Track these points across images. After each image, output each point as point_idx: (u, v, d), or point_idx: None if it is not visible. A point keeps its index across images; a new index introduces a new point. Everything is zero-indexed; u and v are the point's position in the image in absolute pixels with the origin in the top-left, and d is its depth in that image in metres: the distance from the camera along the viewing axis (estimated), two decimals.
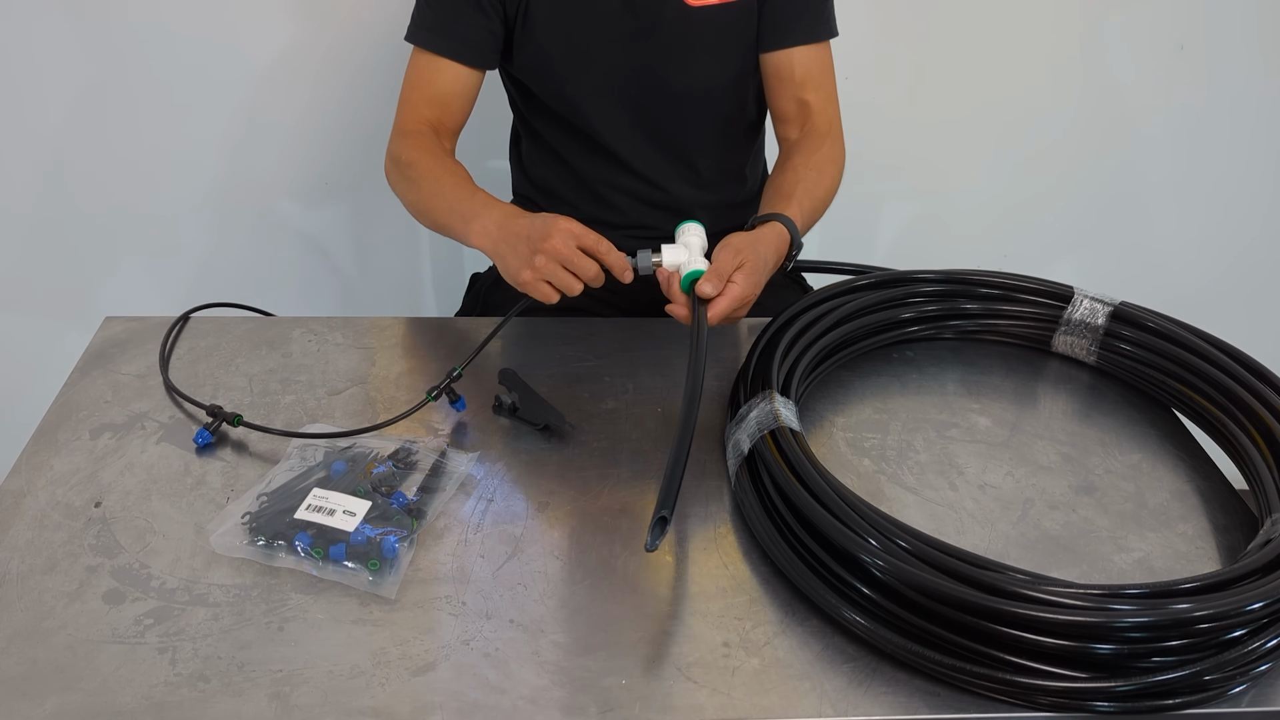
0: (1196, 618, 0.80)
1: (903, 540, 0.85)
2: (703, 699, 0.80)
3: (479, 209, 1.16)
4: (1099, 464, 1.08)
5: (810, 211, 1.25)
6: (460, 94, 1.33)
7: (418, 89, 1.33)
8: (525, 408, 1.08)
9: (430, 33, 1.31)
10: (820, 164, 1.30)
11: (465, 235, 1.17)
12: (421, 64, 1.33)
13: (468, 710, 0.79)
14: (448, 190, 1.22)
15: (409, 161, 1.27)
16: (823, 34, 1.35)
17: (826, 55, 1.37)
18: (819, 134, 1.34)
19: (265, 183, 1.85)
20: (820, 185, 1.28)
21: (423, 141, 1.29)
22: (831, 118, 1.36)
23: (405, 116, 1.33)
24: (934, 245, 2.03)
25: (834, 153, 1.34)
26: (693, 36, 1.30)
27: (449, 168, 1.26)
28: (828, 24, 1.35)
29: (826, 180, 1.29)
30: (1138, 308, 1.18)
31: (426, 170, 1.25)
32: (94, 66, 1.72)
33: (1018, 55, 1.87)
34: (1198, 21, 1.85)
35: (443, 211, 1.22)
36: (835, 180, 1.32)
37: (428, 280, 1.98)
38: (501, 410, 1.08)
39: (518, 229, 1.10)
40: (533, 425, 1.07)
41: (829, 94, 1.37)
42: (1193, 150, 1.98)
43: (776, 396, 1.00)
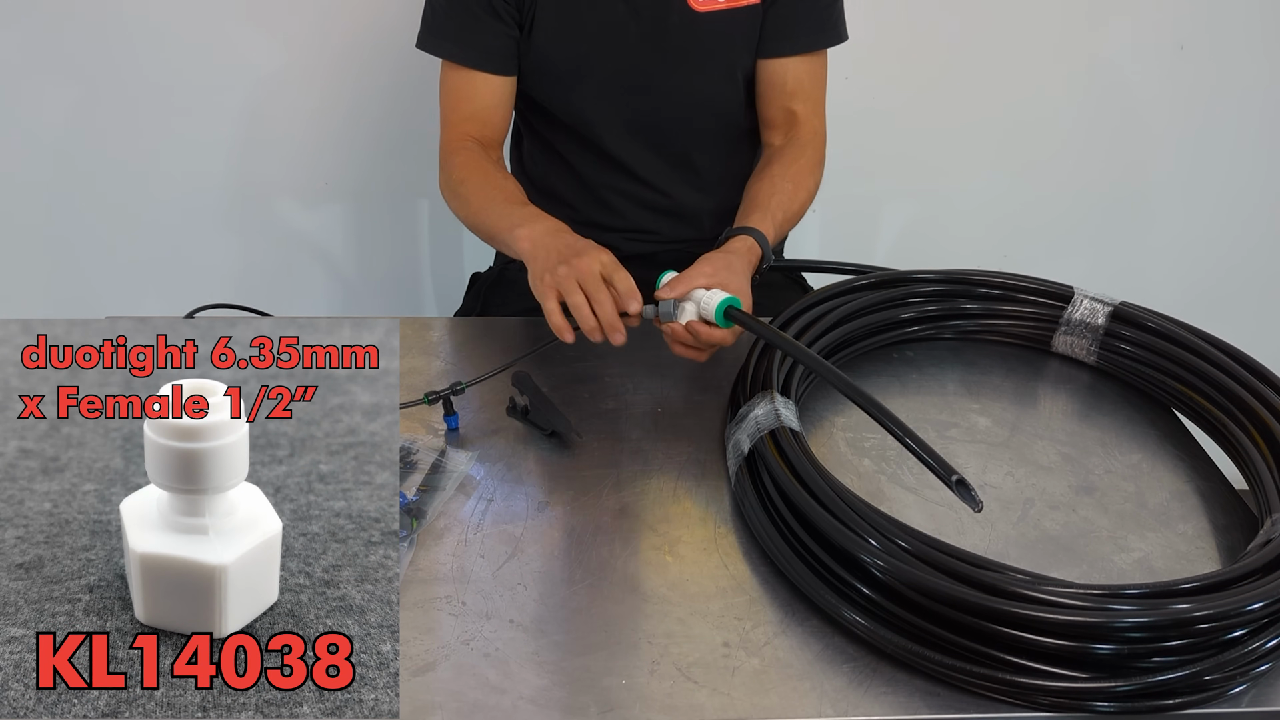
0: (1196, 618, 0.80)
1: (903, 540, 0.85)
2: (703, 699, 0.80)
3: (528, 218, 1.17)
4: (1099, 464, 1.08)
5: (782, 224, 1.26)
6: (499, 104, 1.34)
7: (456, 108, 1.34)
8: (536, 412, 1.07)
9: (456, 45, 1.31)
10: (797, 175, 1.30)
11: (512, 241, 1.17)
12: (455, 80, 1.33)
13: (468, 710, 0.79)
14: (498, 203, 1.23)
15: (460, 179, 1.28)
16: (827, 41, 1.35)
17: (821, 65, 1.37)
18: (800, 143, 1.34)
19: (265, 183, 1.85)
20: (795, 199, 1.28)
21: (471, 159, 1.30)
22: (816, 128, 1.36)
23: (450, 136, 1.34)
24: (934, 245, 2.03)
25: (812, 164, 1.34)
26: (698, 42, 1.30)
27: (498, 182, 1.27)
28: (833, 31, 1.35)
29: (802, 194, 1.30)
30: (1138, 308, 1.18)
31: (476, 187, 1.27)
32: (94, 69, 1.72)
33: (1018, 55, 1.87)
34: (1199, 22, 1.85)
35: (493, 223, 1.23)
36: (810, 193, 1.32)
37: (428, 280, 1.98)
38: (515, 413, 1.08)
39: (558, 241, 1.11)
40: (540, 430, 1.07)
41: (817, 104, 1.37)
42: (1193, 150, 1.98)
43: (776, 396, 1.01)
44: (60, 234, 1.85)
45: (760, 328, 1.05)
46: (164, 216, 1.84)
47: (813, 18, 1.32)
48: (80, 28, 1.68)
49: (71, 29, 1.68)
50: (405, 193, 1.88)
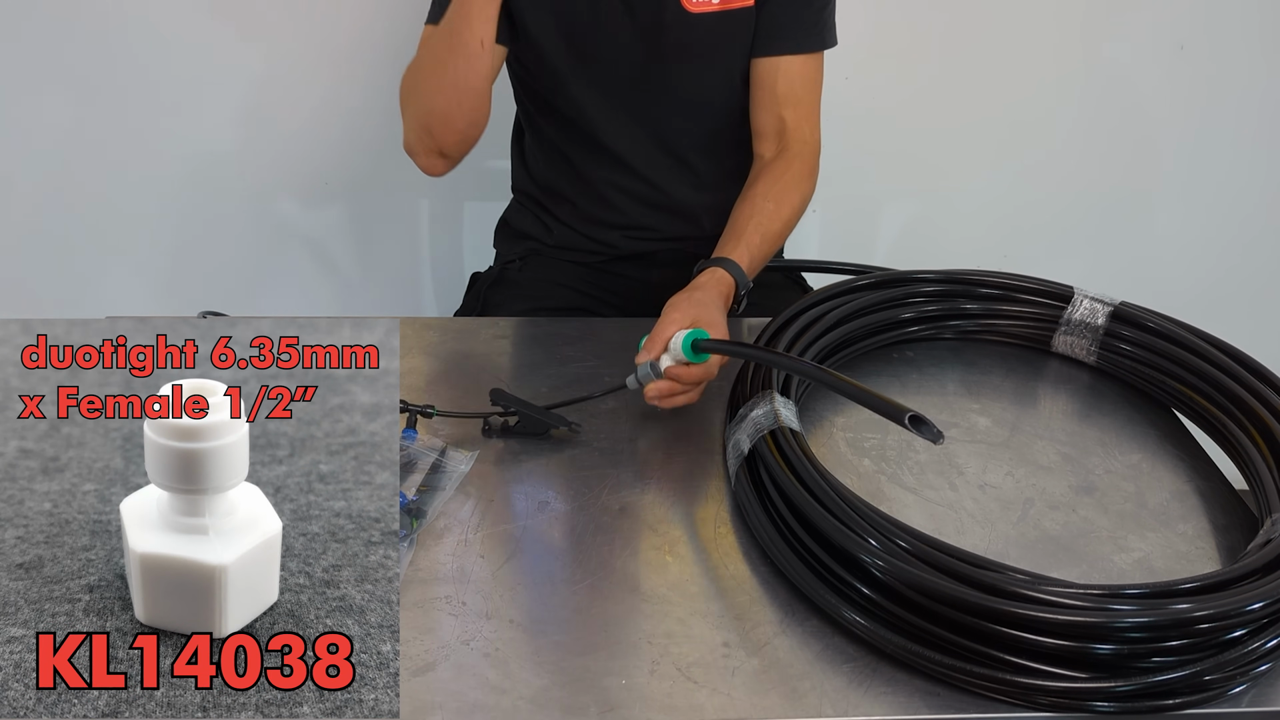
0: (1196, 618, 0.80)
1: (903, 540, 0.85)
2: (703, 699, 0.80)
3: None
4: (1099, 464, 1.08)
5: (760, 246, 1.25)
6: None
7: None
8: (526, 420, 1.07)
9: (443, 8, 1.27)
10: (780, 194, 1.29)
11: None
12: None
13: (468, 710, 0.79)
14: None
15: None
16: (814, 45, 1.33)
17: (815, 69, 1.35)
18: (789, 156, 1.32)
19: (265, 183, 1.85)
20: (778, 218, 1.27)
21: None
22: (806, 137, 1.35)
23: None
24: (934, 245, 2.02)
25: (799, 176, 1.32)
26: (691, 41, 1.30)
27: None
28: (821, 35, 1.34)
29: (785, 210, 1.28)
30: (1138, 308, 1.18)
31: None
32: (93, 69, 1.72)
33: (1018, 55, 1.87)
34: (1198, 21, 1.85)
35: (441, 37, 1.23)
36: (795, 208, 1.30)
37: (427, 280, 1.98)
38: (490, 433, 1.07)
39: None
40: (536, 437, 1.07)
41: (809, 111, 1.35)
42: (1193, 150, 1.98)
43: (776, 397, 1.01)
44: (60, 234, 1.85)
45: (730, 347, 1.05)
46: (164, 216, 1.84)
47: (802, 19, 1.32)
48: (79, 28, 1.68)
49: (70, 30, 1.68)
50: (405, 193, 1.88)
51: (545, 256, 1.47)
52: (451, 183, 1.88)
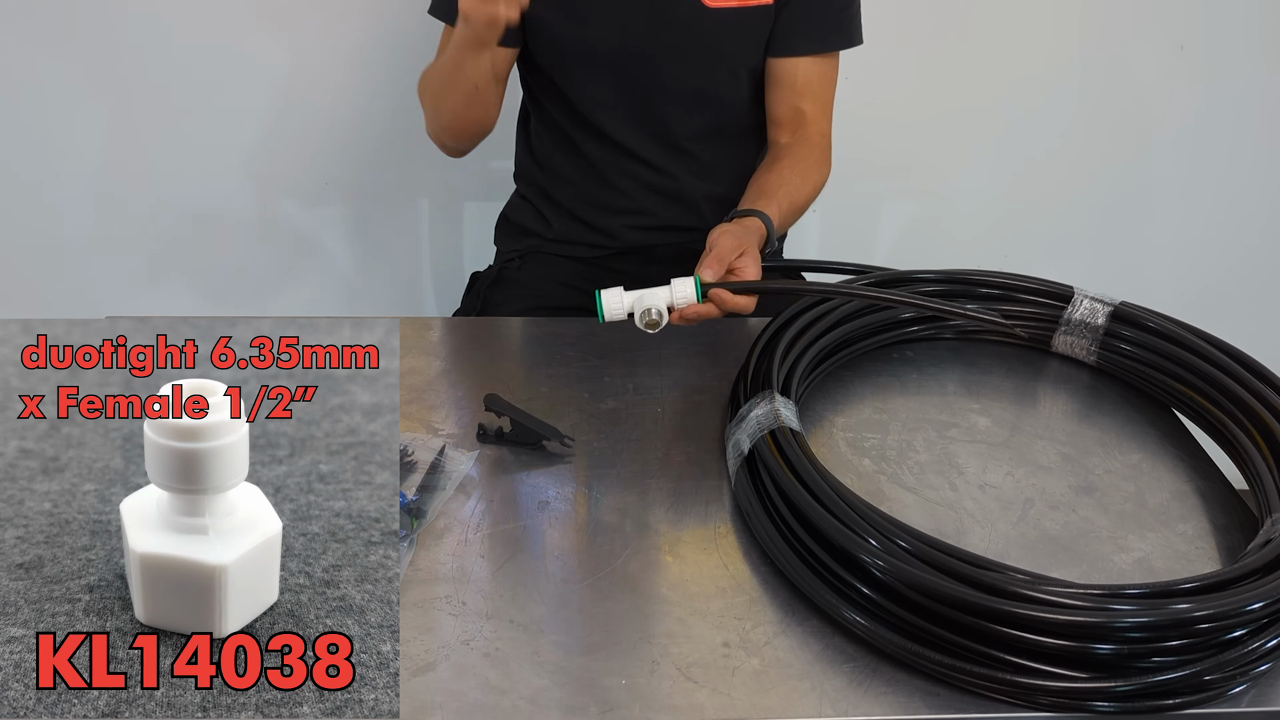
0: (1196, 618, 0.80)
1: (903, 540, 0.85)
2: (703, 699, 0.80)
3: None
4: (1099, 464, 1.08)
5: (788, 213, 1.27)
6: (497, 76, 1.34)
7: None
8: (519, 429, 1.06)
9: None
10: (805, 170, 1.31)
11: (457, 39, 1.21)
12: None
13: (468, 710, 0.79)
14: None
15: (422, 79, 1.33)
16: (838, 44, 1.35)
17: (832, 67, 1.37)
18: (809, 143, 1.35)
19: (266, 183, 1.85)
20: (801, 192, 1.29)
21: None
22: (824, 130, 1.37)
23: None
24: (934, 245, 2.03)
25: (819, 161, 1.35)
26: (704, 37, 1.31)
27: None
28: (845, 33, 1.36)
29: (808, 188, 1.31)
30: (1138, 307, 1.18)
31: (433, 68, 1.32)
32: (96, 69, 1.72)
33: (1018, 55, 1.87)
34: (1198, 22, 1.85)
35: (442, 66, 1.28)
36: (816, 189, 1.33)
37: (428, 280, 1.98)
38: (486, 438, 1.07)
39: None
40: (528, 447, 1.06)
41: (825, 106, 1.38)
42: (1193, 150, 1.98)
43: (776, 396, 1.00)
44: (60, 234, 1.85)
45: (740, 284, 1.09)
46: (164, 216, 1.84)
47: (829, 19, 1.33)
48: (83, 27, 1.68)
49: (74, 28, 1.68)
50: (405, 193, 1.88)
51: (545, 254, 1.47)
52: (451, 183, 1.89)
